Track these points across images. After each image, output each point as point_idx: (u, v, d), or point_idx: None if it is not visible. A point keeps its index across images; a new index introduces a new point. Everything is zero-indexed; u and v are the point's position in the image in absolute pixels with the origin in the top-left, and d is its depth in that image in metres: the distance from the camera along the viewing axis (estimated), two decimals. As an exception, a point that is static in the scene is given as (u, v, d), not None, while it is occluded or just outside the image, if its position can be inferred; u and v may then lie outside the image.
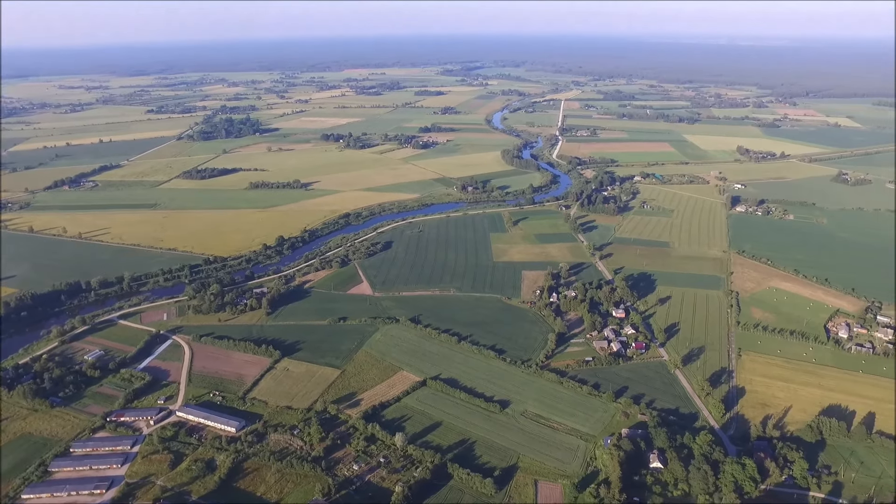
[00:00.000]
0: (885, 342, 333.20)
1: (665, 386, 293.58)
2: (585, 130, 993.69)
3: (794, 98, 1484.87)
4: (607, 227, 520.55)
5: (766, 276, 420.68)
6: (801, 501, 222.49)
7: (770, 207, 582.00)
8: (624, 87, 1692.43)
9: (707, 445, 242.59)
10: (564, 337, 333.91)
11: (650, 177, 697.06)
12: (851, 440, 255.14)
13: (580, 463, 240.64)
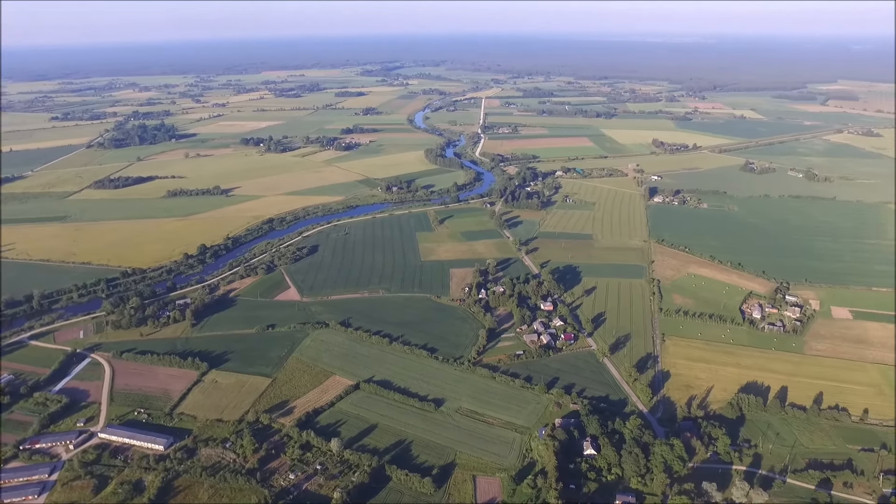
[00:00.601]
0: (793, 320, 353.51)
1: (594, 374, 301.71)
2: (507, 128, 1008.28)
3: (703, 92, 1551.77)
4: (532, 222, 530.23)
5: (685, 263, 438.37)
6: (725, 475, 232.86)
7: (685, 197, 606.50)
8: (543, 85, 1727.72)
9: (637, 429, 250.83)
10: (495, 332, 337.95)
11: (571, 171, 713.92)
12: (768, 414, 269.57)
13: (517, 455, 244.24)
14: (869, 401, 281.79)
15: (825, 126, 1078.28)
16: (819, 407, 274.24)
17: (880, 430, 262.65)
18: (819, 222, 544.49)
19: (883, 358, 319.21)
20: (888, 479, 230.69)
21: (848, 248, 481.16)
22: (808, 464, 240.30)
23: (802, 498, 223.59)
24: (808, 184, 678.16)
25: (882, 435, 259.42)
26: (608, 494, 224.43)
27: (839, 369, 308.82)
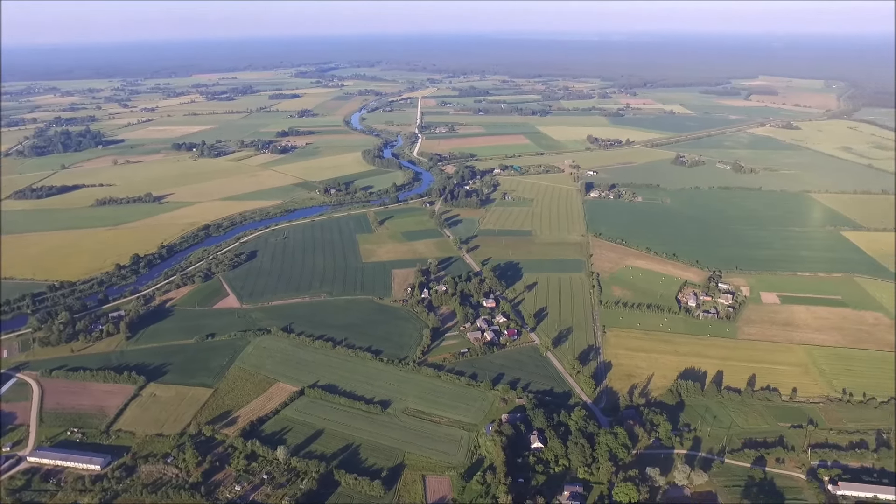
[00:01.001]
0: (726, 307, 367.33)
1: (539, 368, 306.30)
2: (444, 127, 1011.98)
3: (634, 89, 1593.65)
4: (472, 221, 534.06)
5: (622, 255, 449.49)
6: (667, 460, 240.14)
7: (621, 191, 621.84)
8: (478, 83, 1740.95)
9: (582, 420, 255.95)
10: (439, 331, 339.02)
11: (509, 169, 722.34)
12: (705, 398, 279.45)
13: (465, 453, 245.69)
14: (797, 380, 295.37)
15: (749, 120, 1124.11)
16: (752, 389, 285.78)
17: (807, 407, 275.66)
18: (747, 212, 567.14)
19: (808, 339, 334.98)
20: (815, 453, 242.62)
21: (774, 235, 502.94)
22: (743, 443, 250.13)
23: (739, 476, 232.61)
24: (735, 175, 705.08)
25: (809, 411, 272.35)
26: (556, 486, 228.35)
27: (769, 352, 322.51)
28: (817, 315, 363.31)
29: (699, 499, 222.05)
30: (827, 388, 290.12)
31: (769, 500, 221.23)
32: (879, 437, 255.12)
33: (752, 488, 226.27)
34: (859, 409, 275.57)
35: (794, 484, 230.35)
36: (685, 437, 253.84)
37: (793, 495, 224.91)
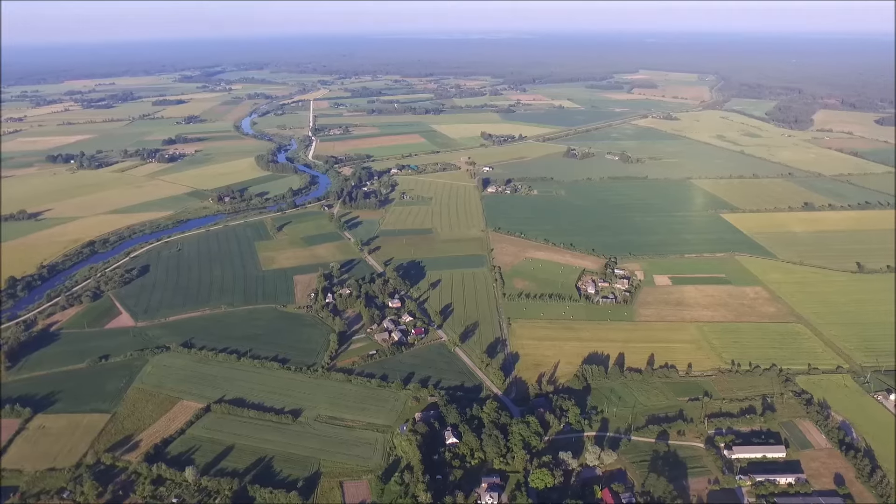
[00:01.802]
0: (623, 291, 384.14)
1: (448, 365, 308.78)
2: (338, 129, 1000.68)
3: (524, 85, 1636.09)
4: (372, 222, 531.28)
5: (522, 248, 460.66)
6: (578, 443, 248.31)
7: (517, 186, 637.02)
8: (370, 84, 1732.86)
9: (494, 412, 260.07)
10: (346, 335, 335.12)
11: (406, 168, 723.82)
12: (610, 380, 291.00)
13: (381, 455, 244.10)
14: (691, 356, 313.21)
15: (632, 112, 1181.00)
16: (652, 368, 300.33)
17: (702, 380, 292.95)
18: (636, 200, 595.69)
19: (699, 316, 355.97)
20: (711, 423, 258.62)
21: (662, 221, 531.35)
22: (647, 420, 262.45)
23: (645, 451, 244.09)
24: (623, 165, 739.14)
25: (704, 384, 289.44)
26: (474, 479, 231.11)
27: (665, 331, 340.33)
28: (705, 293, 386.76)
29: (610, 477, 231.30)
30: (718, 361, 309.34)
31: (673, 471, 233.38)
32: (765, 401, 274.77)
33: (657, 461, 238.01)
34: (747, 377, 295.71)
35: (694, 453, 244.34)
36: (593, 419, 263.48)
37: (694, 464, 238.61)
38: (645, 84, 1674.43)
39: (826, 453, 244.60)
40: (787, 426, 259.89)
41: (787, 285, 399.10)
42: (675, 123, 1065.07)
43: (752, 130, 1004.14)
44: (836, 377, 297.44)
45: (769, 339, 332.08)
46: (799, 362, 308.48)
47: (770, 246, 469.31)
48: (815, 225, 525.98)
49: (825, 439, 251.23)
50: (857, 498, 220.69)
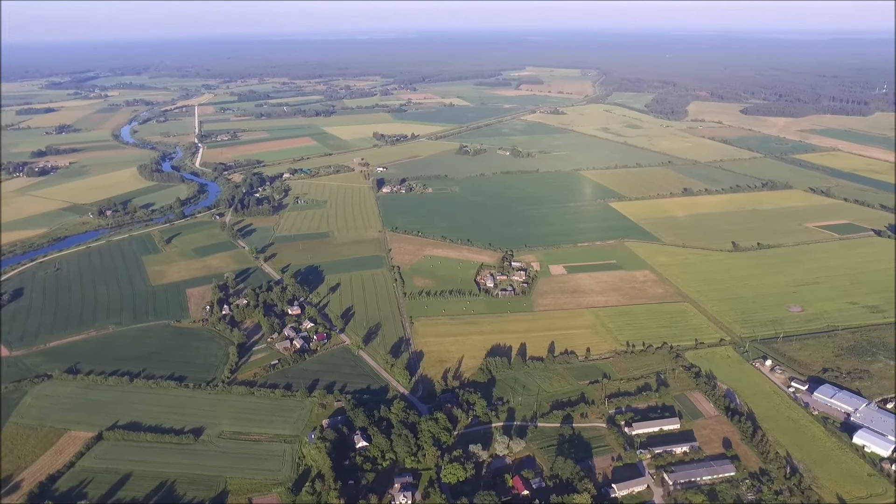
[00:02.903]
0: (521, 283, 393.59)
1: (353, 368, 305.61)
2: (226, 134, 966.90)
3: (414, 84, 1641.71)
4: (266, 229, 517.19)
5: (420, 246, 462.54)
6: (487, 434, 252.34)
7: (412, 184, 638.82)
8: (257, 87, 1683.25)
9: (402, 412, 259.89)
10: (246, 347, 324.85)
11: (299, 172, 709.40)
12: (513, 371, 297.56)
13: (290, 466, 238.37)
14: (589, 341, 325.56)
15: (521, 108, 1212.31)
16: (553, 355, 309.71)
17: (601, 363, 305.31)
18: (529, 193, 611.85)
19: (594, 302, 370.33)
20: (611, 403, 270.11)
21: (554, 212, 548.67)
22: (551, 406, 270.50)
23: (552, 436, 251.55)
24: (515, 160, 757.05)
25: (602, 367, 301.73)
26: (387, 480, 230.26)
27: (563, 318, 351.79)
28: (598, 279, 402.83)
29: (520, 464, 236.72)
30: (614, 344, 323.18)
31: (579, 452, 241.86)
32: (659, 378, 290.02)
33: (564, 445, 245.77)
34: (641, 357, 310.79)
35: (598, 433, 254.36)
36: (500, 410, 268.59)
37: (598, 443, 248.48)
38: (532, 80, 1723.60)
39: (714, 420, 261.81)
40: (679, 399, 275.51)
41: (672, 267, 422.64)
42: (562, 118, 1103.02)
43: (634, 122, 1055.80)
44: (720, 349, 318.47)
45: (659, 318, 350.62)
46: (687, 339, 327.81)
47: (655, 231, 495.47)
48: (693, 209, 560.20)
49: (713, 408, 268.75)
50: (743, 458, 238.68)
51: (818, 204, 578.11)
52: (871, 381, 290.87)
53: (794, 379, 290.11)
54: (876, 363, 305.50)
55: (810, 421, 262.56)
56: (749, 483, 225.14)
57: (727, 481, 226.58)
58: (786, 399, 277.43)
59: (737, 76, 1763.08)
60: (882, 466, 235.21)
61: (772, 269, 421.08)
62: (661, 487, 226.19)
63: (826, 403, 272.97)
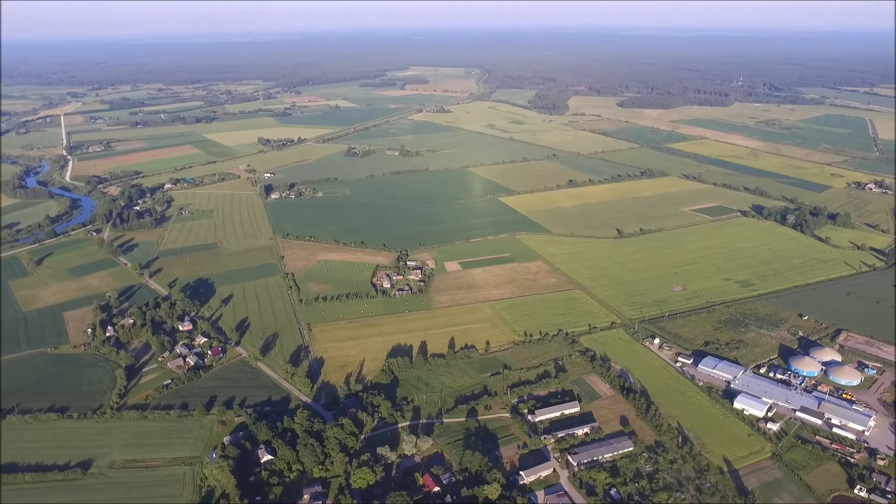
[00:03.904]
0: (417, 282, 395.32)
1: (252, 381, 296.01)
2: (98, 145, 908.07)
3: (298, 87, 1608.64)
4: (150, 243, 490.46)
5: (313, 251, 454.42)
6: (394, 435, 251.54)
7: (301, 189, 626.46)
8: (131, 94, 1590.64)
9: (306, 421, 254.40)
10: (135, 369, 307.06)
11: (181, 182, 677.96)
12: (416, 369, 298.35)
13: (192, 490, 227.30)
14: (488, 333, 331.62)
15: (407, 108, 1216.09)
16: (453, 351, 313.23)
17: (500, 355, 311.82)
18: (420, 192, 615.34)
19: (490, 296, 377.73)
20: (514, 392, 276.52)
21: (446, 209, 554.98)
22: (456, 401, 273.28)
23: (458, 431, 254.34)
24: (404, 160, 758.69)
25: (502, 358, 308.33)
26: (295, 492, 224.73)
27: (461, 314, 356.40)
28: (493, 273, 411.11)
29: (429, 462, 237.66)
30: (512, 335, 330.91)
31: (486, 443, 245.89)
32: (557, 364, 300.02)
33: (470, 438, 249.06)
34: (539, 345, 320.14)
35: (502, 424, 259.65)
36: (405, 409, 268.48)
37: (503, 433, 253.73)
38: (417, 80, 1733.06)
39: (611, 400, 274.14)
40: (578, 383, 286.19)
41: (562, 257, 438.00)
42: (448, 116, 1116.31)
43: (518, 118, 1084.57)
44: (612, 332, 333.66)
45: (554, 307, 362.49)
46: (581, 324, 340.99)
47: (544, 222, 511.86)
48: (579, 199, 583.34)
49: (609, 388, 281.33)
50: (639, 432, 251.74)
51: (691, 189, 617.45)
52: (746, 350, 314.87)
53: (681, 354, 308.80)
54: (749, 333, 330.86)
55: (696, 392, 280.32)
56: (646, 456, 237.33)
57: (627, 456, 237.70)
58: (674, 373, 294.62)
59: (612, 71, 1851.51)
60: (759, 426, 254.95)
61: (654, 252, 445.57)
62: (566, 469, 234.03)
63: (709, 374, 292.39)
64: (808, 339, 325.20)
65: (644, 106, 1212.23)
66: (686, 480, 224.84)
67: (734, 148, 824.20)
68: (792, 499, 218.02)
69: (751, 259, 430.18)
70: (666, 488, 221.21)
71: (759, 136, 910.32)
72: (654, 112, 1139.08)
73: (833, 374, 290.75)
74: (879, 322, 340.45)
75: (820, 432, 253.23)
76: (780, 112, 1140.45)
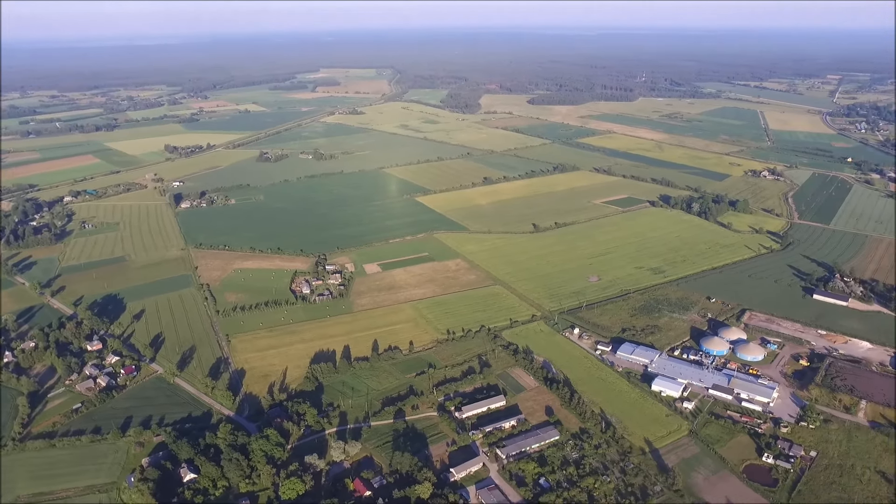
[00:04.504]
0: (337, 286, 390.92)
1: (170, 398, 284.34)
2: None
3: (204, 92, 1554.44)
4: (50, 260, 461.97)
5: (228, 260, 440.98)
6: (322, 442, 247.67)
7: (213, 197, 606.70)
8: (20, 102, 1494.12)
9: (230, 435, 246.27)
10: (39, 395, 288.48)
11: (83, 194, 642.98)
12: (340, 374, 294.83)
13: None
14: (411, 334, 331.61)
15: (319, 110, 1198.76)
16: (377, 353, 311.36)
17: (425, 354, 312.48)
18: (336, 195, 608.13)
19: (411, 296, 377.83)
20: (440, 391, 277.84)
21: (363, 212, 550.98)
22: (383, 403, 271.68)
23: (387, 433, 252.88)
24: (318, 163, 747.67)
25: (427, 357, 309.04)
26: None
27: (383, 316, 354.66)
28: (413, 273, 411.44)
29: (359, 466, 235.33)
30: (435, 334, 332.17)
31: (415, 443, 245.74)
32: (481, 360, 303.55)
33: (399, 439, 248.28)
34: (462, 342, 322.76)
35: (430, 422, 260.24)
36: (332, 416, 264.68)
37: (432, 432, 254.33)
38: (328, 82, 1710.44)
39: (536, 391, 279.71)
40: (502, 377, 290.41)
41: (481, 253, 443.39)
42: (361, 117, 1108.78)
43: (431, 117, 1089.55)
44: (533, 325, 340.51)
45: (475, 304, 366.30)
46: (502, 319, 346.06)
47: (462, 220, 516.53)
48: (495, 196, 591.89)
49: (533, 380, 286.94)
50: (564, 421, 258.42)
51: (602, 182, 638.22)
52: (661, 334, 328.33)
53: (600, 342, 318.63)
54: (662, 318, 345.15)
55: (616, 377, 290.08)
56: (572, 443, 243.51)
57: (553, 445, 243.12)
58: (595, 361, 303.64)
59: (522, 69, 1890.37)
60: (675, 406, 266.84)
61: (569, 245, 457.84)
62: (495, 463, 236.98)
63: (627, 359, 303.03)
64: (716, 320, 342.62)
65: (554, 103, 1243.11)
66: (611, 464, 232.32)
67: (640, 141, 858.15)
68: (708, 472, 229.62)
69: (661, 247, 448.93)
70: (592, 473, 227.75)
71: (663, 128, 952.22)
72: (563, 108, 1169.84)
73: (740, 352, 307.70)
74: (778, 300, 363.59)
75: (731, 407, 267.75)
76: (681, 106, 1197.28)
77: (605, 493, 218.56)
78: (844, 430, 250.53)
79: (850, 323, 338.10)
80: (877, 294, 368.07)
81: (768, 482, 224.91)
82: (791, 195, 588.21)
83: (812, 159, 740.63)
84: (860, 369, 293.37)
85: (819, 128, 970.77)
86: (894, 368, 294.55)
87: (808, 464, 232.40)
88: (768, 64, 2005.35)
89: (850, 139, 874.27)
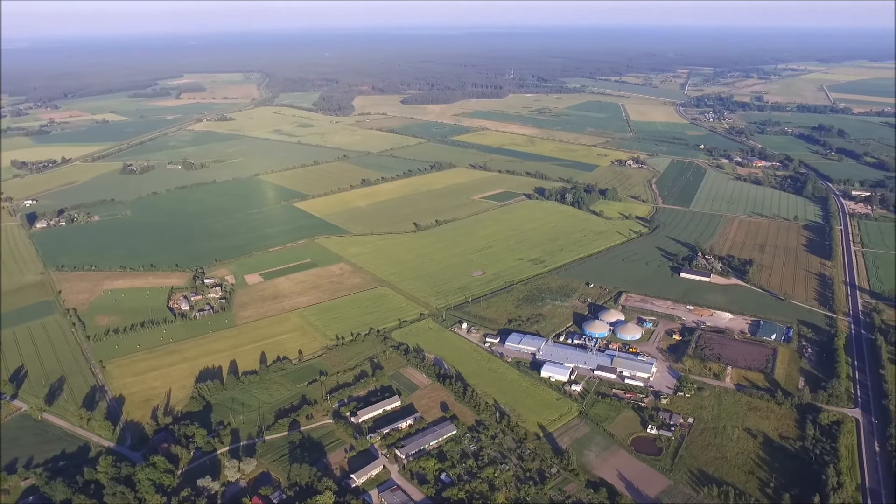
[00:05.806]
0: (218, 300, 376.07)
1: (39, 436, 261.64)
2: None
3: (55, 101, 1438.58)
4: None
5: (96, 282, 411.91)
6: (215, 463, 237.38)
7: (73, 215, 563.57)
8: None
9: (112, 468, 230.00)
10: None
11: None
12: (228, 390, 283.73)
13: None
14: (299, 343, 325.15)
15: (185, 118, 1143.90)
16: (266, 365, 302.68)
17: (315, 362, 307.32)
18: (209, 206, 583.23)
19: (296, 304, 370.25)
20: (333, 397, 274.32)
21: (240, 221, 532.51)
22: (276, 416, 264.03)
23: (282, 447, 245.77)
24: (188, 173, 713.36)
25: (317, 365, 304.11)
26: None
27: (269, 327, 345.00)
28: (297, 281, 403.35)
29: (256, 484, 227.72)
30: (324, 340, 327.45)
31: (313, 453, 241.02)
32: (373, 362, 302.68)
33: (296, 451, 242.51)
34: (352, 347, 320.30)
35: (327, 430, 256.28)
36: (223, 434, 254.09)
37: (329, 440, 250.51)
38: (193, 88, 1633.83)
39: (430, 389, 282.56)
40: (396, 377, 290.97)
41: (364, 256, 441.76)
42: (231, 123, 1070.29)
43: (304, 121, 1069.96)
44: (422, 323, 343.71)
45: (362, 307, 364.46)
46: (391, 320, 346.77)
47: (343, 224, 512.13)
48: (374, 197, 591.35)
49: (426, 378, 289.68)
50: (460, 415, 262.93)
51: (479, 178, 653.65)
52: (546, 322, 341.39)
53: (488, 334, 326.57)
54: (546, 306, 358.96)
55: (507, 368, 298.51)
56: (469, 436, 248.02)
57: (451, 440, 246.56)
58: (484, 354, 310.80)
59: (393, 70, 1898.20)
60: (565, 390, 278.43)
61: (451, 241, 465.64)
62: (395, 464, 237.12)
63: (516, 349, 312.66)
64: (596, 304, 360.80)
65: (427, 102, 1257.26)
66: (508, 452, 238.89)
67: (513, 136, 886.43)
68: (600, 448, 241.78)
69: (539, 238, 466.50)
70: (491, 463, 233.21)
71: (533, 123, 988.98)
72: (436, 107, 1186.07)
73: (619, 332, 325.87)
74: (650, 281, 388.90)
75: (615, 385, 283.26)
76: (548, 101, 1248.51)
77: (504, 481, 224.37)
78: (715, 396, 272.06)
79: (714, 297, 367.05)
80: (733, 268, 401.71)
81: (654, 451, 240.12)
82: (654, 182, 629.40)
83: (670, 147, 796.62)
84: (725, 338, 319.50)
85: (674, 118, 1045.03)
86: (752, 335, 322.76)
87: (686, 430, 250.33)
88: (625, 59, 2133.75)
89: (702, 128, 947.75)
